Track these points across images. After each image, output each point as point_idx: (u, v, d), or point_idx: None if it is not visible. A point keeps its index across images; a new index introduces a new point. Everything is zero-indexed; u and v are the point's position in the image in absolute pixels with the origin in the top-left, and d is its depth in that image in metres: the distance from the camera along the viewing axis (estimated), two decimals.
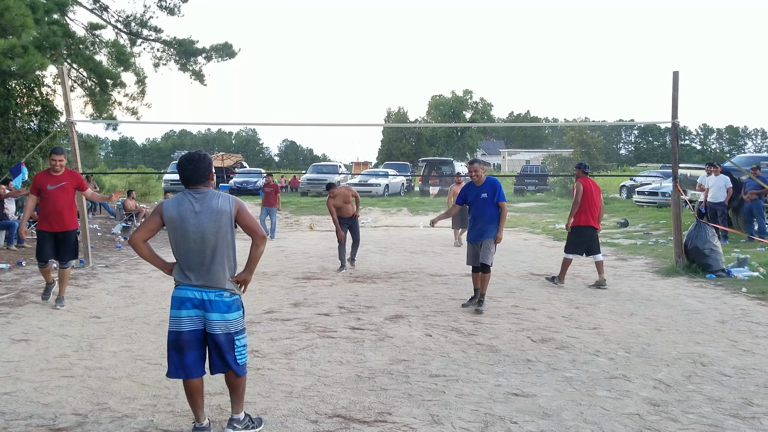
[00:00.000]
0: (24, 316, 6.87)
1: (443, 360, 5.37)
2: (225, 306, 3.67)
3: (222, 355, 3.66)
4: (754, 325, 6.62)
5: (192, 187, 3.71)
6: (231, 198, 3.72)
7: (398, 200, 27.54)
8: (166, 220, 3.71)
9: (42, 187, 7.11)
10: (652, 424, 4.01)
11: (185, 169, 3.69)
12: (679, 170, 10.52)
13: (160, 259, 3.83)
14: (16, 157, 16.88)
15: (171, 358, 3.67)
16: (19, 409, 4.19)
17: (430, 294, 8.37)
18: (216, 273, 3.66)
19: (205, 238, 3.63)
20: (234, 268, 3.77)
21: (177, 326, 3.66)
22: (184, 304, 3.66)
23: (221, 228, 3.65)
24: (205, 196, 3.68)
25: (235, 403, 3.82)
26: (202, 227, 3.62)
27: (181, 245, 3.67)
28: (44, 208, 7.12)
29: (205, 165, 3.71)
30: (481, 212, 7.23)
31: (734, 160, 17.50)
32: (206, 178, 3.72)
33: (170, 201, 3.74)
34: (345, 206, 10.72)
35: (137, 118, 20.77)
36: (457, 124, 58.18)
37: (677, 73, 9.78)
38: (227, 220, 3.67)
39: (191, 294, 3.65)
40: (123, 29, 20.28)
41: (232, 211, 3.68)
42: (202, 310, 3.64)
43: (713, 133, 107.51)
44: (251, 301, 7.78)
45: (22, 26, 11.98)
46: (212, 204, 3.66)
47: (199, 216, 3.63)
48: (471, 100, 69.10)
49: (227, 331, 3.66)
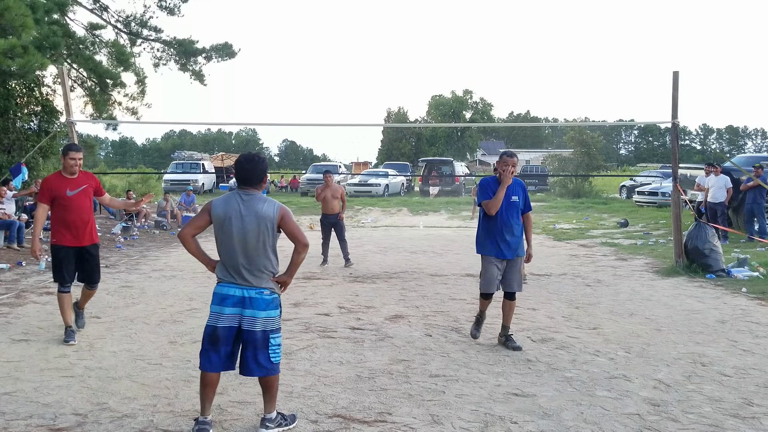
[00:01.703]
0: (24, 316, 6.87)
1: (443, 360, 5.37)
2: (264, 303, 3.78)
3: (255, 354, 3.75)
4: (754, 325, 6.62)
5: (243, 188, 3.84)
6: (276, 204, 3.85)
7: (398, 200, 27.55)
8: (213, 218, 3.85)
9: (59, 193, 5.82)
10: (652, 424, 4.01)
11: (243, 169, 3.83)
12: (679, 170, 10.52)
13: (205, 256, 3.97)
14: (16, 157, 16.88)
15: (204, 351, 3.82)
16: (19, 409, 4.19)
17: (430, 294, 8.37)
18: (257, 272, 3.78)
19: (247, 240, 3.75)
20: (275, 268, 3.87)
21: (215, 321, 3.79)
22: (224, 300, 3.78)
23: (263, 231, 3.76)
24: (252, 198, 3.80)
25: (268, 402, 3.87)
26: (245, 229, 3.75)
27: (225, 244, 3.81)
28: (64, 218, 5.85)
29: (262, 168, 3.86)
30: (511, 219, 5.72)
31: (734, 160, 17.50)
32: (260, 181, 3.87)
33: (219, 200, 3.88)
34: (332, 201, 10.95)
35: (137, 118, 20.77)
36: (457, 124, 58.16)
37: (677, 73, 9.78)
38: (270, 225, 3.77)
39: (233, 291, 3.77)
40: (123, 29, 20.28)
41: (275, 216, 3.79)
42: (241, 307, 3.76)
43: (713, 133, 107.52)
44: None
45: (22, 26, 11.98)
46: (257, 208, 3.77)
47: (243, 218, 3.76)
48: (471, 100, 69.06)
49: (263, 329, 3.77)
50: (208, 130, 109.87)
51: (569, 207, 24.11)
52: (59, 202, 5.84)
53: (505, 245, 5.66)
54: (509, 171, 5.65)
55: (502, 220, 5.68)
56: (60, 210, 5.85)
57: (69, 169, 5.91)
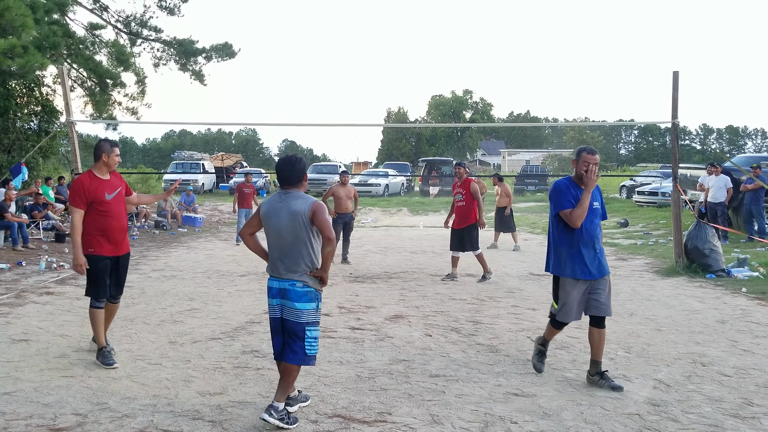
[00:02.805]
0: (24, 316, 6.87)
1: (443, 360, 5.37)
2: (297, 295, 3.95)
3: (292, 342, 3.94)
4: (754, 325, 6.62)
5: (284, 188, 4.10)
6: (310, 200, 4.02)
7: (398, 200, 27.56)
8: (261, 217, 4.11)
9: (97, 196, 5.18)
10: (652, 424, 4.01)
11: (282, 170, 4.08)
12: (679, 170, 10.52)
13: (264, 251, 4.22)
14: (16, 157, 16.88)
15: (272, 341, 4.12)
16: (19, 409, 4.19)
17: (430, 294, 8.37)
18: (292, 266, 3.97)
19: (283, 235, 3.99)
20: (313, 263, 4.02)
21: (269, 312, 4.10)
22: (269, 292, 4.06)
23: (296, 227, 3.96)
24: (288, 196, 4.03)
25: (281, 390, 3.99)
26: (281, 225, 3.99)
27: (269, 239, 4.09)
28: (103, 225, 5.20)
29: (300, 168, 4.09)
30: (596, 231, 4.80)
31: (734, 160, 17.50)
32: (299, 180, 4.09)
33: (266, 200, 4.17)
34: (346, 201, 11.15)
35: (137, 118, 20.79)
36: (457, 124, 58.20)
37: (677, 73, 9.79)
38: (302, 220, 3.96)
39: (274, 284, 4.03)
40: (123, 29, 20.30)
41: (307, 211, 3.96)
42: (280, 298, 3.99)
43: (713, 133, 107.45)
44: (251, 301, 7.78)
45: (22, 26, 11.98)
46: (291, 204, 4.00)
47: (279, 215, 4.01)
48: (471, 100, 69.09)
49: (298, 320, 3.95)
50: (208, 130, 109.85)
51: None
52: (96, 207, 5.18)
53: (593, 263, 4.69)
54: (594, 171, 4.70)
55: (587, 232, 4.69)
56: (97, 216, 5.18)
57: (111, 167, 5.37)
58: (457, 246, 9.42)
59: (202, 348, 5.70)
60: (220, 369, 5.07)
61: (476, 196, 9.31)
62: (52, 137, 18.68)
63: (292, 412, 4.04)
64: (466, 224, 9.30)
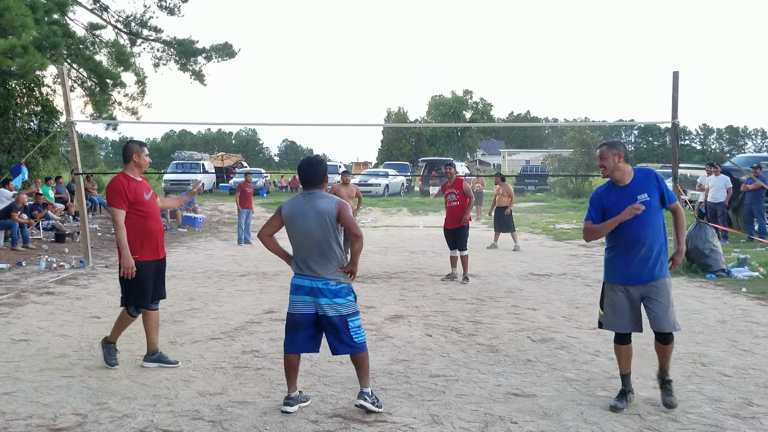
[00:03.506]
0: (24, 316, 6.87)
1: (443, 360, 5.37)
2: (331, 293, 4.10)
3: (338, 336, 4.09)
4: (754, 325, 6.62)
5: (307, 188, 4.21)
6: (335, 200, 4.15)
7: (398, 200, 27.56)
8: (283, 218, 4.20)
9: (138, 197, 4.97)
10: (652, 424, 4.01)
11: (304, 172, 4.19)
12: (679, 170, 10.51)
13: (284, 252, 4.33)
14: (16, 157, 16.89)
15: (286, 336, 4.21)
16: (19, 409, 4.19)
17: (430, 294, 8.37)
18: (322, 265, 4.10)
19: (311, 235, 4.09)
20: (341, 259, 4.17)
21: (292, 309, 4.18)
22: (297, 290, 4.15)
23: (324, 226, 4.08)
24: (313, 197, 4.14)
25: (362, 378, 4.18)
26: (308, 225, 4.09)
27: (294, 240, 4.18)
28: (145, 227, 4.99)
29: (322, 169, 4.22)
30: (642, 230, 4.23)
31: (734, 160, 17.50)
32: (321, 181, 4.21)
33: (288, 201, 4.27)
34: (347, 200, 11.04)
35: (137, 118, 20.80)
36: (457, 124, 58.20)
37: (677, 73, 9.78)
38: (329, 219, 4.09)
39: (303, 282, 4.13)
40: (123, 29, 20.31)
41: (333, 210, 4.10)
42: (313, 297, 4.11)
43: (713, 133, 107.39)
44: (251, 301, 7.78)
45: (22, 26, 11.99)
46: (316, 204, 4.10)
47: (306, 215, 4.10)
48: (471, 100, 69.11)
49: (339, 314, 4.09)
50: (208, 130, 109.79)
51: (569, 207, 24.12)
52: (137, 209, 4.96)
53: (637, 264, 4.21)
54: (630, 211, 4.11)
55: (630, 230, 4.22)
56: (137, 218, 4.96)
57: (142, 168, 5.15)
58: (454, 245, 9.44)
59: (202, 348, 5.70)
60: (220, 369, 5.07)
61: (469, 194, 9.35)
62: (52, 137, 18.68)
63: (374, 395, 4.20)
64: (460, 224, 9.33)
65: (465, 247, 9.38)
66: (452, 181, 9.46)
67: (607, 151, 4.29)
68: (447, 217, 9.54)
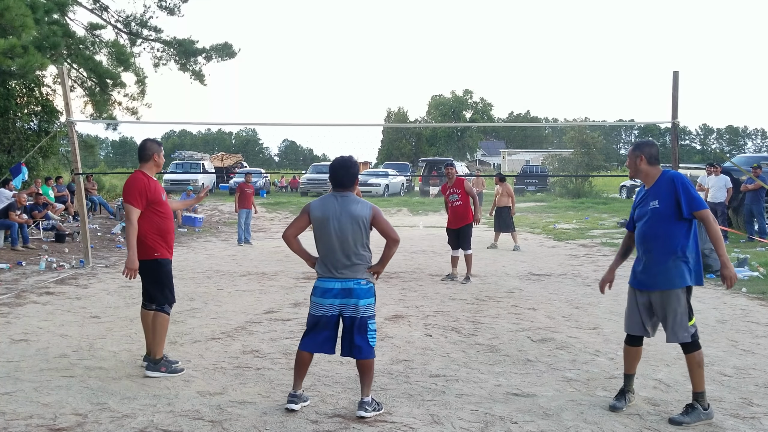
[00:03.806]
0: (24, 316, 6.87)
1: (443, 360, 5.37)
2: (363, 292, 4.12)
3: (356, 338, 4.08)
4: (754, 325, 6.62)
5: (338, 190, 4.16)
6: (369, 205, 4.16)
7: (398, 200, 27.56)
8: (312, 219, 4.16)
9: (156, 197, 4.96)
10: (652, 424, 4.01)
11: (336, 173, 4.15)
12: (679, 170, 10.51)
13: (307, 253, 4.30)
14: (16, 157, 16.89)
15: (305, 334, 4.20)
16: (19, 409, 4.18)
17: (430, 294, 8.37)
18: (354, 266, 4.12)
19: (344, 238, 4.07)
20: (369, 261, 4.21)
21: (317, 311, 4.16)
22: (326, 293, 4.13)
23: (357, 231, 4.09)
24: (346, 199, 4.12)
25: (365, 386, 4.15)
26: (342, 228, 4.07)
27: (324, 242, 4.13)
28: (161, 226, 4.98)
29: (355, 171, 4.19)
30: (649, 238, 4.16)
31: (734, 160, 17.50)
32: (353, 183, 4.18)
33: (317, 202, 4.21)
34: None
35: (137, 118, 20.80)
36: (457, 124, 58.17)
37: (677, 73, 9.78)
38: (363, 224, 4.10)
39: (333, 284, 4.12)
40: (123, 29, 20.31)
41: (369, 216, 4.11)
42: (342, 298, 4.10)
43: (713, 133, 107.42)
44: (251, 301, 7.78)
45: (22, 26, 11.99)
46: (352, 208, 4.09)
47: (340, 218, 4.07)
48: (471, 100, 69.07)
49: (362, 315, 4.10)
50: (208, 130, 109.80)
51: (569, 207, 24.12)
52: (156, 209, 4.94)
53: (642, 272, 4.22)
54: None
55: (638, 238, 4.27)
56: (156, 217, 4.94)
57: (160, 167, 5.21)
58: (456, 245, 9.44)
59: (202, 348, 5.70)
60: (220, 369, 5.07)
61: (471, 193, 9.39)
62: (52, 137, 18.67)
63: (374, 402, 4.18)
64: (464, 223, 9.34)
65: (468, 247, 9.39)
66: (453, 181, 9.46)
67: (630, 153, 4.27)
68: (449, 217, 9.55)
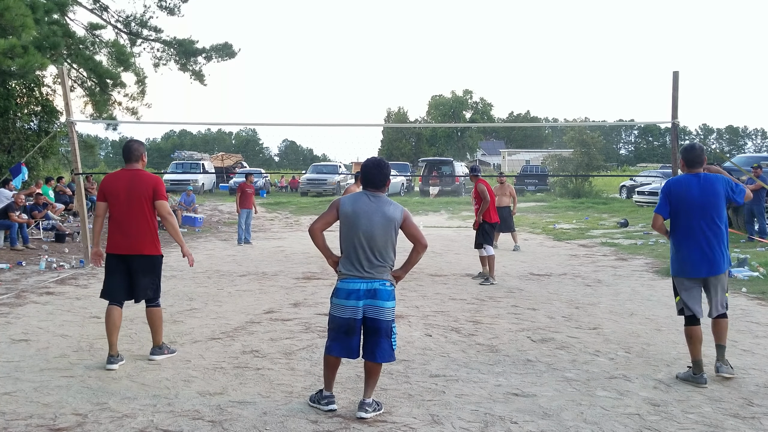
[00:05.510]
0: (24, 316, 6.87)
1: (443, 360, 5.37)
2: (387, 294, 4.08)
3: (380, 341, 4.05)
4: (754, 325, 6.62)
5: (370, 190, 4.15)
6: (400, 208, 4.18)
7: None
8: (341, 215, 4.12)
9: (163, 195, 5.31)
10: (652, 424, 4.01)
11: (369, 173, 4.15)
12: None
13: (329, 251, 4.25)
14: (16, 157, 16.89)
15: (332, 339, 4.12)
16: (19, 409, 4.18)
17: (430, 294, 8.37)
18: (381, 266, 4.09)
19: (374, 237, 4.05)
20: (394, 263, 4.18)
21: (341, 313, 4.07)
22: (350, 294, 4.05)
23: (388, 232, 4.08)
24: (379, 200, 4.13)
25: (369, 387, 4.16)
26: (373, 228, 4.05)
27: (352, 240, 4.08)
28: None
29: (387, 172, 4.19)
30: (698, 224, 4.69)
31: (734, 160, 17.49)
32: (384, 184, 4.17)
33: (347, 198, 4.18)
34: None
35: (137, 118, 20.80)
36: (457, 124, 58.18)
37: (677, 73, 9.78)
38: (394, 226, 4.11)
39: (359, 285, 4.05)
40: (123, 29, 20.31)
41: (400, 219, 4.12)
42: (367, 299, 4.04)
43: (713, 133, 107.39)
44: (251, 301, 7.78)
45: (22, 26, 11.99)
46: (384, 210, 4.10)
47: (371, 218, 4.06)
48: (471, 100, 69.05)
49: (386, 318, 4.08)
50: (208, 130, 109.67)
51: (569, 207, 24.11)
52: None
53: (696, 259, 4.66)
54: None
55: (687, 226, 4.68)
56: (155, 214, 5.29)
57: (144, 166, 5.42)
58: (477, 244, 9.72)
59: (202, 348, 5.70)
60: (220, 369, 5.07)
61: (483, 195, 9.62)
62: (52, 137, 18.67)
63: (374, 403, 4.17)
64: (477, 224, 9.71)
65: (479, 246, 9.62)
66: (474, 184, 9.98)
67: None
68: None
